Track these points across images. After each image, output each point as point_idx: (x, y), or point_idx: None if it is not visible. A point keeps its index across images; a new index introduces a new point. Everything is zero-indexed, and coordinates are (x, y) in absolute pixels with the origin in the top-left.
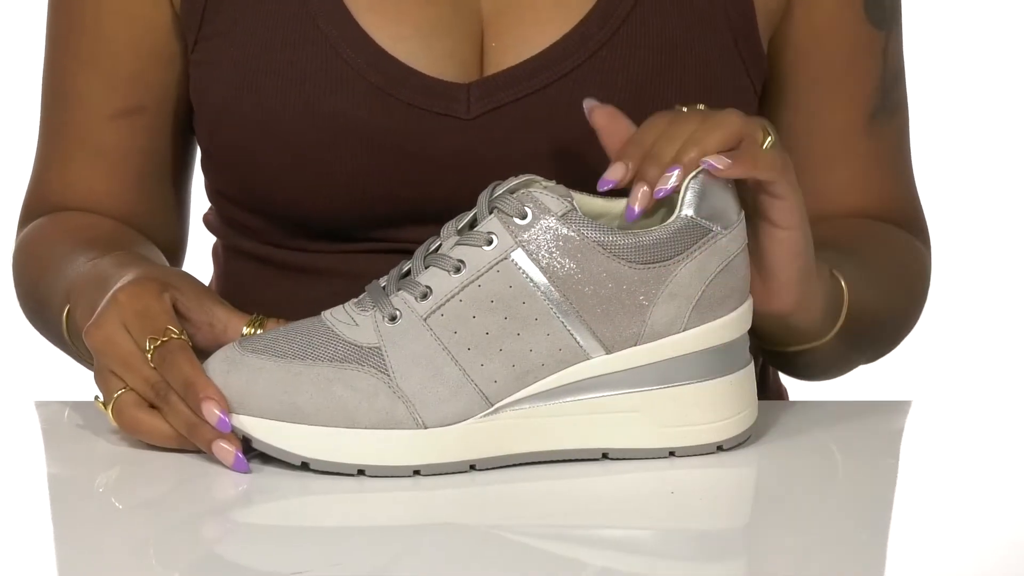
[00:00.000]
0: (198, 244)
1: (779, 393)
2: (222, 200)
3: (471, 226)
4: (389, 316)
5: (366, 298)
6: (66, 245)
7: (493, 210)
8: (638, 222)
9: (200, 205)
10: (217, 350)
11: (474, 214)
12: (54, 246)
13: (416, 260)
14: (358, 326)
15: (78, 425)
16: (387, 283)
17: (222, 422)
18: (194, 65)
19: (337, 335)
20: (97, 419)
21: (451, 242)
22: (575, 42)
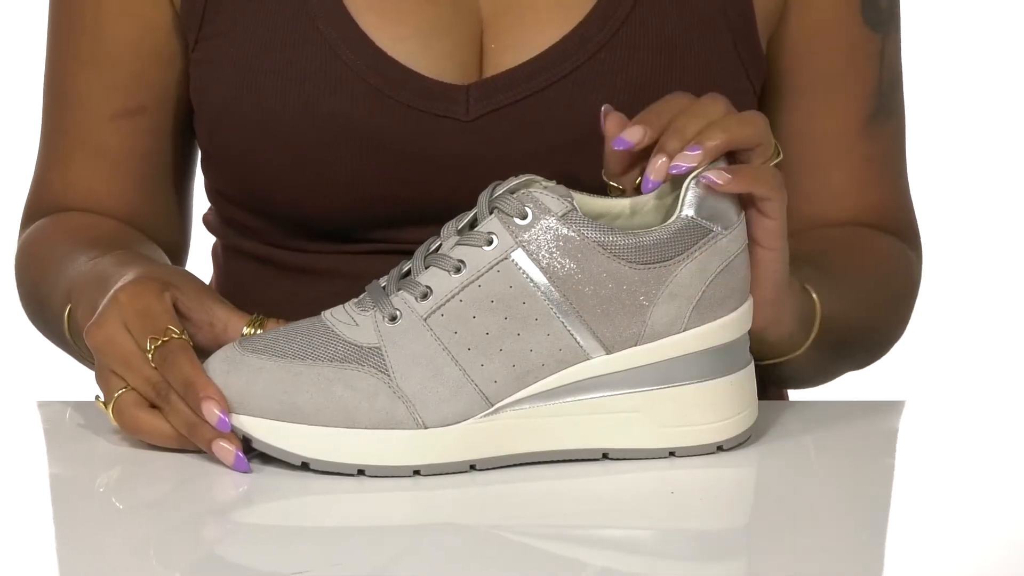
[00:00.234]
0: (198, 244)
1: (779, 393)
2: (222, 200)
3: (471, 226)
4: (389, 316)
5: (366, 298)
6: (67, 245)
7: (493, 210)
8: (638, 222)
9: (200, 205)
10: (217, 350)
11: (474, 214)
12: (55, 246)
13: (416, 260)
14: (358, 326)
15: (80, 425)
16: (387, 283)
17: (222, 422)
18: (194, 64)
19: (337, 335)
20: (99, 419)
21: (451, 242)
22: (574, 44)
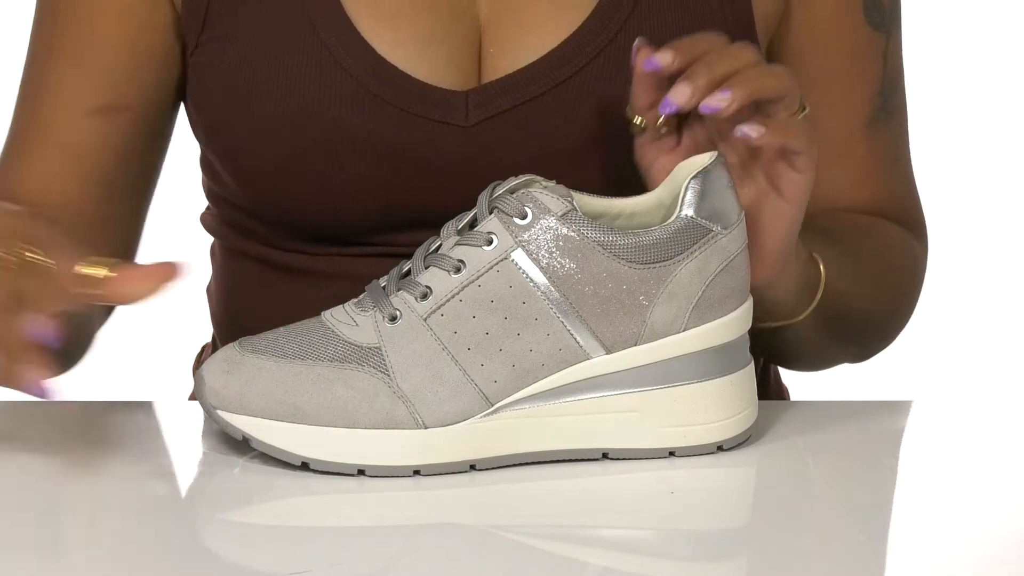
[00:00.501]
0: (194, 244)
1: (780, 393)
2: (220, 202)
3: (471, 226)
4: (389, 316)
5: (366, 298)
6: None
7: (493, 210)
8: (638, 222)
9: (197, 205)
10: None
11: (474, 214)
12: None
13: (416, 260)
14: (358, 326)
15: (80, 425)
16: (387, 283)
17: (40, 332)
18: (193, 68)
19: (337, 335)
20: (100, 419)
21: (451, 242)
22: (573, 48)
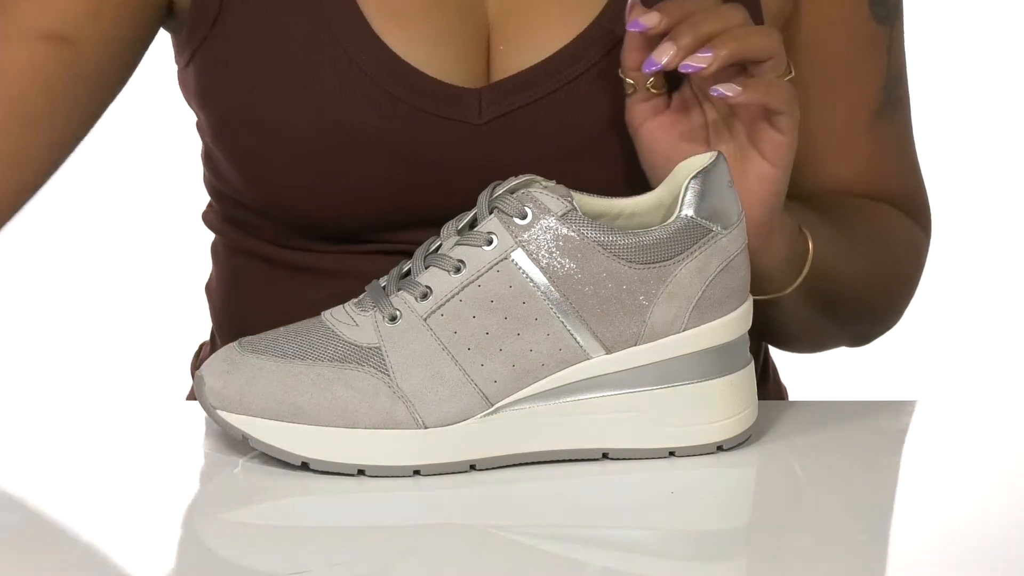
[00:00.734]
0: (196, 241)
1: (779, 391)
2: (224, 198)
3: (471, 226)
4: (389, 316)
5: (366, 298)
6: None
7: (493, 210)
8: (638, 222)
9: (199, 201)
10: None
11: (474, 214)
12: None
13: (416, 260)
14: (358, 326)
15: (77, 425)
16: (387, 283)
17: None
18: (203, 62)
19: (337, 335)
20: (97, 418)
21: (451, 242)
22: (585, 45)
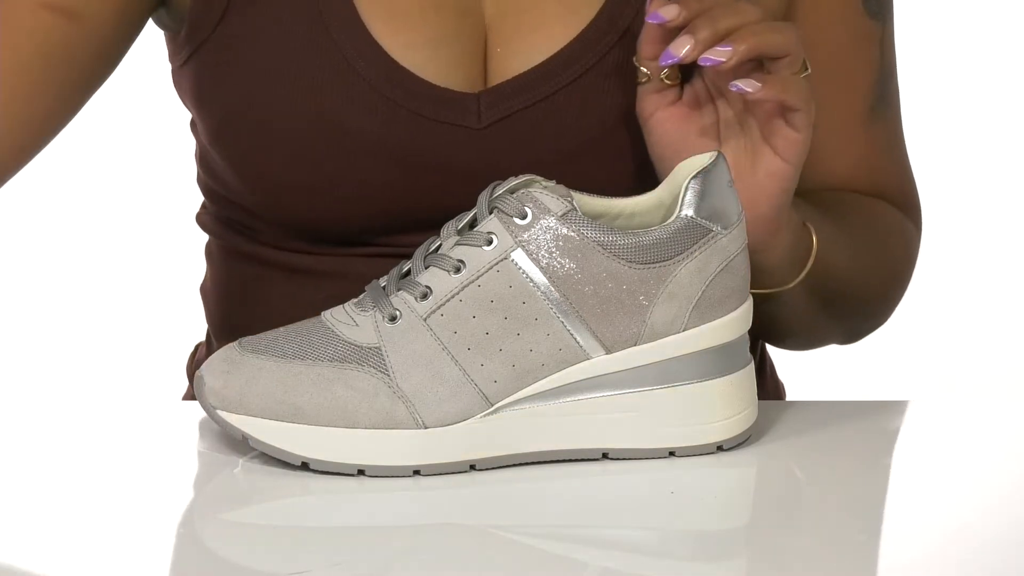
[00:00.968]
0: (190, 242)
1: (776, 388)
2: (219, 200)
3: (471, 226)
4: (389, 316)
5: (366, 298)
6: None
7: (493, 210)
8: (638, 222)
9: (192, 202)
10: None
11: (474, 214)
12: None
13: (416, 260)
14: (358, 326)
15: (76, 425)
16: (387, 283)
17: None
18: (202, 64)
19: (337, 335)
20: (96, 418)
21: (451, 242)
22: (582, 47)
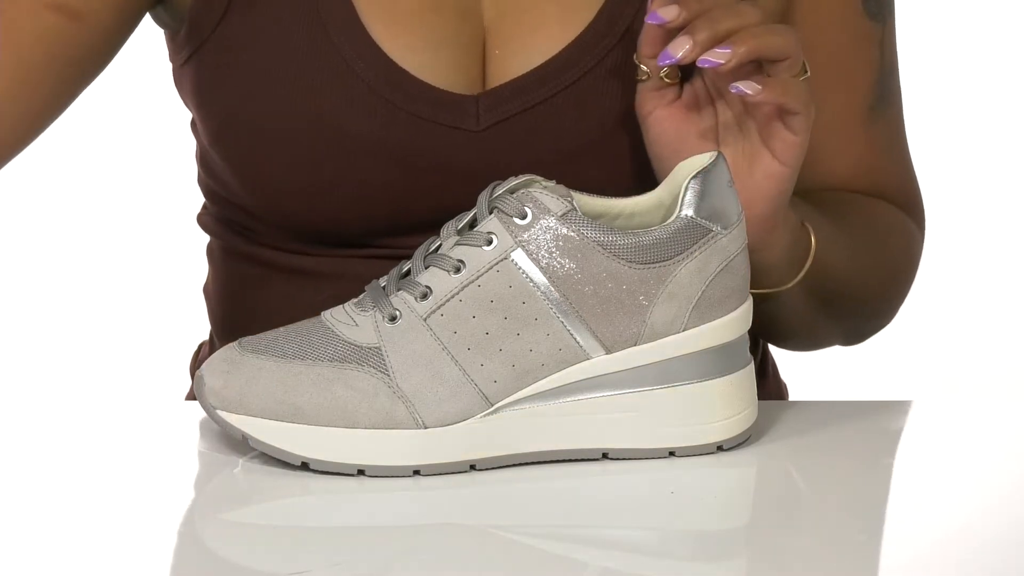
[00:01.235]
0: (191, 243)
1: (778, 387)
2: (220, 201)
3: (471, 226)
4: (389, 316)
5: (366, 298)
6: None
7: (493, 210)
8: (638, 222)
9: (194, 203)
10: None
11: (474, 214)
12: None
13: (416, 260)
14: (358, 326)
15: (77, 425)
16: (387, 283)
17: None
18: (202, 64)
19: (337, 335)
20: (97, 418)
21: (451, 242)
22: (581, 49)
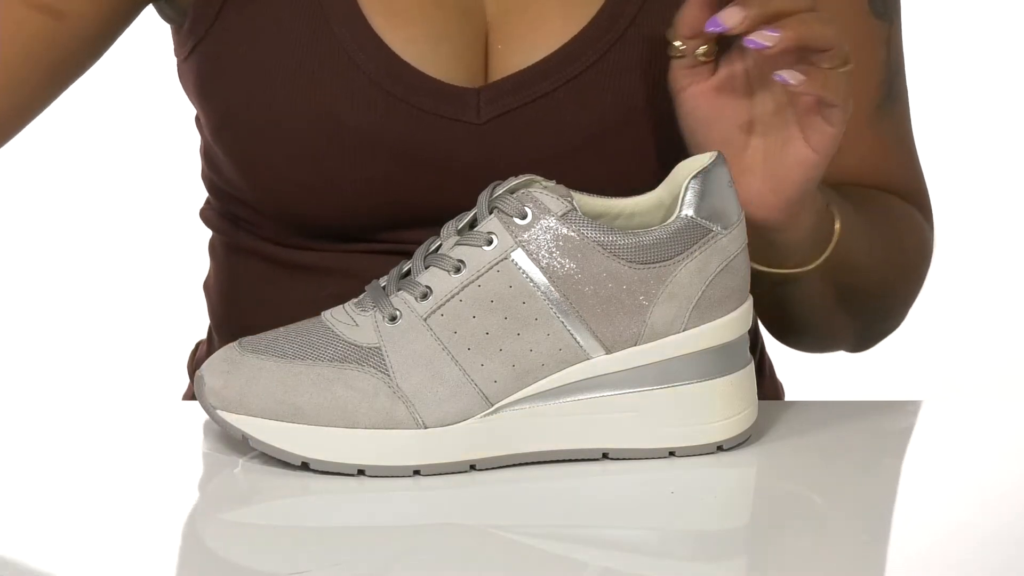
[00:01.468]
0: (193, 238)
1: (775, 389)
2: (222, 195)
3: (471, 226)
4: (389, 316)
5: (366, 298)
6: None
7: (493, 210)
8: (638, 222)
9: (198, 197)
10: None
11: (474, 214)
12: None
13: (416, 260)
14: (358, 326)
15: (78, 424)
16: (387, 283)
17: None
18: (203, 56)
19: (337, 335)
20: (96, 418)
21: (451, 242)
22: (583, 44)
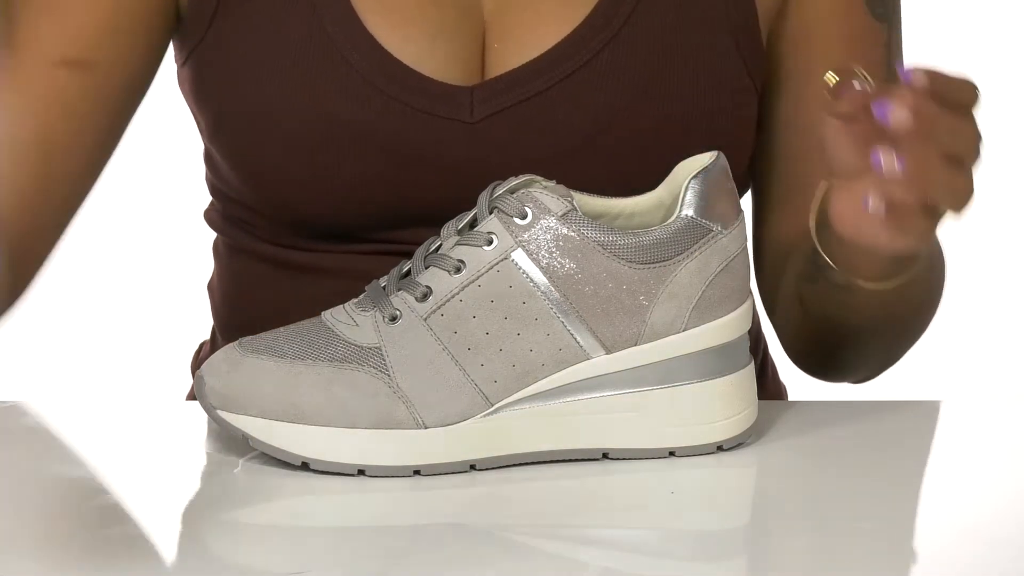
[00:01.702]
0: (198, 239)
1: (778, 390)
2: (224, 197)
3: (471, 226)
4: (389, 316)
5: (366, 298)
6: None
7: (493, 210)
8: (638, 222)
9: (202, 199)
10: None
11: (474, 214)
12: None
13: (416, 260)
14: (358, 326)
15: (77, 424)
16: (387, 283)
17: None
18: (199, 60)
19: (337, 335)
20: (97, 418)
21: (451, 242)
22: (577, 43)
